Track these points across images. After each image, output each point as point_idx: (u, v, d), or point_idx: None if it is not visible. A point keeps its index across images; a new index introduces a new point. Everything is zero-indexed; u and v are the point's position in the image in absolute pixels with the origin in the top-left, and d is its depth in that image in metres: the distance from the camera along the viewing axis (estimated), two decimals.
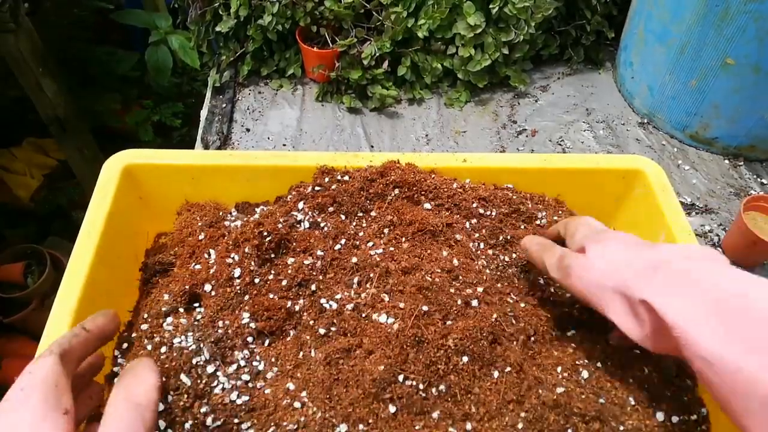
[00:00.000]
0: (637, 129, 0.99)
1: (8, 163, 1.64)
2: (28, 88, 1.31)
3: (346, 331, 0.49)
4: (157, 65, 1.32)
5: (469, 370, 0.47)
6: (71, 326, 0.47)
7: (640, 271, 0.41)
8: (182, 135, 1.93)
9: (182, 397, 0.45)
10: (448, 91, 1.04)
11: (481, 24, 0.91)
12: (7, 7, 1.13)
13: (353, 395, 0.45)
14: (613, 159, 0.63)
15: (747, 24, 0.78)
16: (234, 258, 0.54)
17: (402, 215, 0.57)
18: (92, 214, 0.54)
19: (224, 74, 1.03)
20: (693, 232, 0.55)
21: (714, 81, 0.87)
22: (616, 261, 0.43)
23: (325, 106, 1.01)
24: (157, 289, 0.56)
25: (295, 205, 0.59)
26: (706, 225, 0.84)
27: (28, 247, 1.52)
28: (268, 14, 0.95)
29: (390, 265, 0.53)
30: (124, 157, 0.60)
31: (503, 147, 0.96)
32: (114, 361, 0.51)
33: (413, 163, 0.60)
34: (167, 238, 0.62)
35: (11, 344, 1.43)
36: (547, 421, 0.44)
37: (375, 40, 0.96)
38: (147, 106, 1.80)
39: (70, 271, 0.50)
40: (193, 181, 0.61)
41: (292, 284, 0.53)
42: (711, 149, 0.95)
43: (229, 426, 0.45)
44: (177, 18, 1.07)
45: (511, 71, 1.02)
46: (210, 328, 0.49)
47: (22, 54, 1.23)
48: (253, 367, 0.48)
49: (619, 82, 1.07)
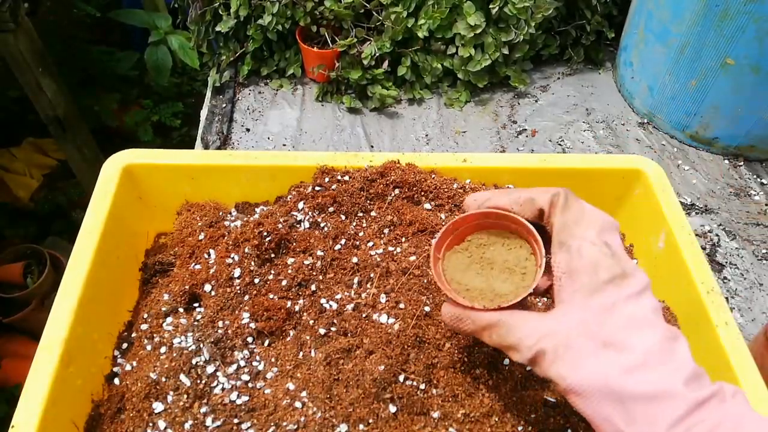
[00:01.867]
0: (637, 129, 0.99)
1: (8, 163, 1.64)
2: (28, 88, 1.31)
3: (346, 331, 0.49)
4: (156, 65, 1.32)
5: (469, 371, 0.47)
6: (71, 326, 0.47)
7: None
8: (182, 135, 1.93)
9: (182, 397, 0.45)
10: (448, 91, 1.04)
11: (481, 24, 0.91)
12: (7, 7, 1.13)
13: (353, 395, 0.45)
14: (613, 159, 0.63)
15: (747, 24, 0.78)
16: (234, 258, 0.54)
17: (402, 215, 0.57)
18: (92, 214, 0.54)
19: (224, 74, 1.03)
20: (693, 232, 0.55)
21: (714, 81, 0.87)
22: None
23: (325, 106, 1.01)
24: (157, 289, 0.56)
25: (295, 205, 0.59)
26: (706, 225, 0.84)
27: (28, 247, 1.52)
28: (268, 14, 0.95)
29: (390, 265, 0.53)
30: (124, 157, 0.60)
31: (503, 147, 0.96)
32: (114, 361, 0.51)
33: (413, 163, 0.60)
34: (167, 238, 0.62)
35: (11, 344, 1.43)
36: (547, 420, 0.44)
37: (375, 40, 0.96)
38: (147, 106, 1.80)
39: (70, 271, 0.50)
40: (193, 181, 0.61)
41: (292, 284, 0.53)
42: (711, 149, 0.95)
43: (229, 426, 0.45)
44: (177, 18, 1.07)
45: (511, 71, 1.02)
46: (210, 328, 0.49)
47: (21, 54, 1.23)
48: (253, 367, 0.48)
49: (619, 82, 1.07)
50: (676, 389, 0.31)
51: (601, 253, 0.34)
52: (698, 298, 0.51)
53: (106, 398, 0.48)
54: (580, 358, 0.32)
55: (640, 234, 0.61)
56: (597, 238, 0.35)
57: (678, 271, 0.54)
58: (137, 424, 0.45)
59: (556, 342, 0.33)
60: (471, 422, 0.44)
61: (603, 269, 0.34)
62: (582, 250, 0.35)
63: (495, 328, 0.36)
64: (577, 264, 0.35)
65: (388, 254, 0.54)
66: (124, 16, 1.42)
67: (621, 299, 0.33)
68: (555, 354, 0.33)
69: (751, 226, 0.84)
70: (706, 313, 0.50)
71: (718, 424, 0.30)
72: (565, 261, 0.35)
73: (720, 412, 0.30)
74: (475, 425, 0.44)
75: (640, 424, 0.30)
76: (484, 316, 0.37)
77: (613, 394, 0.31)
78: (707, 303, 0.50)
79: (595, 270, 0.34)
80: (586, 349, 0.32)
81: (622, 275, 0.34)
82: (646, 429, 0.30)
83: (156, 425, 0.45)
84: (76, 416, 0.46)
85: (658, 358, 0.32)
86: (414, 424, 0.44)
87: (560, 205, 0.37)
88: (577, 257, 0.35)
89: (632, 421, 0.31)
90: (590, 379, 0.32)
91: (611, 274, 0.34)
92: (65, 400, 0.45)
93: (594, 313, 0.33)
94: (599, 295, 0.34)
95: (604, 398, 0.31)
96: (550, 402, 0.46)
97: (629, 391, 0.31)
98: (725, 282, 0.77)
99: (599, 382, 0.32)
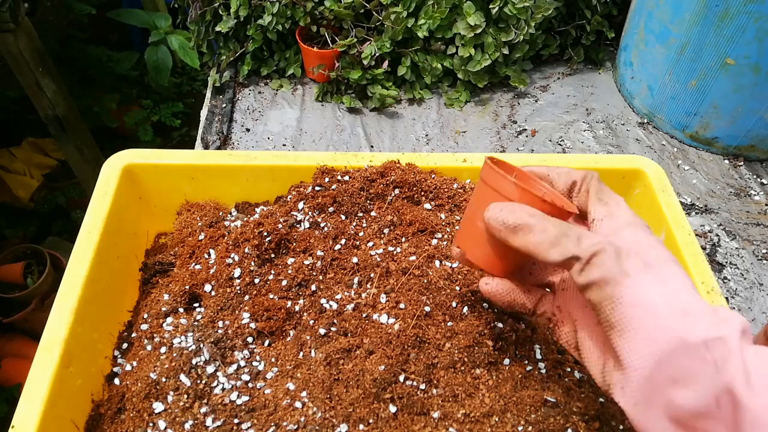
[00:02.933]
0: (637, 129, 0.99)
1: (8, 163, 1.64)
2: (28, 88, 1.31)
3: (346, 331, 0.49)
4: (156, 65, 1.32)
5: (470, 371, 0.47)
6: (71, 326, 0.47)
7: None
8: (182, 135, 1.93)
9: (182, 397, 0.45)
10: (448, 91, 1.04)
11: (481, 24, 0.91)
12: (7, 7, 1.13)
13: (354, 395, 0.45)
14: (613, 159, 0.63)
15: (747, 24, 0.78)
16: (234, 258, 0.54)
17: (402, 215, 0.57)
18: (92, 214, 0.54)
19: (224, 74, 1.03)
20: (693, 232, 0.55)
21: (714, 81, 0.87)
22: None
23: (325, 106, 1.01)
24: (157, 289, 0.56)
25: (295, 205, 0.59)
26: (706, 225, 0.84)
27: (28, 247, 1.52)
28: (268, 14, 0.95)
29: (390, 265, 0.53)
30: (124, 157, 0.60)
31: (503, 147, 0.96)
32: (114, 361, 0.51)
33: (413, 163, 0.60)
34: (167, 238, 0.62)
35: (11, 344, 1.43)
36: (547, 420, 0.44)
37: (375, 40, 0.96)
38: (146, 106, 1.80)
39: (70, 271, 0.50)
40: (193, 181, 0.61)
41: (292, 284, 0.52)
42: (711, 149, 0.95)
43: (229, 426, 0.45)
44: (177, 18, 1.07)
45: (511, 71, 1.02)
46: (210, 328, 0.49)
47: (21, 54, 1.23)
48: (253, 367, 0.48)
49: (619, 82, 1.07)
50: (719, 313, 0.30)
51: (636, 217, 0.35)
52: None
53: (106, 398, 0.48)
54: (634, 268, 0.32)
55: None
56: (629, 214, 0.36)
57: None
58: (137, 424, 0.45)
59: (615, 247, 0.33)
60: (471, 422, 0.44)
61: (639, 225, 0.35)
62: (621, 205, 0.36)
63: (556, 225, 0.34)
64: (616, 211, 0.35)
65: (388, 254, 0.54)
66: (124, 16, 1.41)
67: (656, 243, 0.34)
68: (615, 253, 0.32)
69: (751, 226, 0.84)
70: None
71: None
72: (604, 209, 0.36)
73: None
74: (476, 425, 0.44)
75: (707, 329, 0.30)
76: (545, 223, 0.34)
77: (672, 306, 0.31)
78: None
79: (633, 221, 0.35)
80: (637, 263, 0.32)
81: (658, 240, 0.35)
82: (718, 344, 0.29)
83: (156, 425, 0.45)
84: (76, 416, 0.46)
85: (693, 290, 0.32)
86: (414, 424, 0.44)
87: (595, 179, 0.38)
88: (616, 209, 0.36)
89: (693, 327, 0.30)
90: (645, 289, 0.31)
91: (647, 231, 0.35)
92: (65, 400, 0.45)
93: (635, 240, 0.34)
94: (639, 230, 0.34)
95: (664, 310, 0.31)
96: (550, 402, 0.45)
97: (687, 305, 0.31)
98: (725, 282, 0.77)
99: (655, 293, 0.31)
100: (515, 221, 0.35)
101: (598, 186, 0.37)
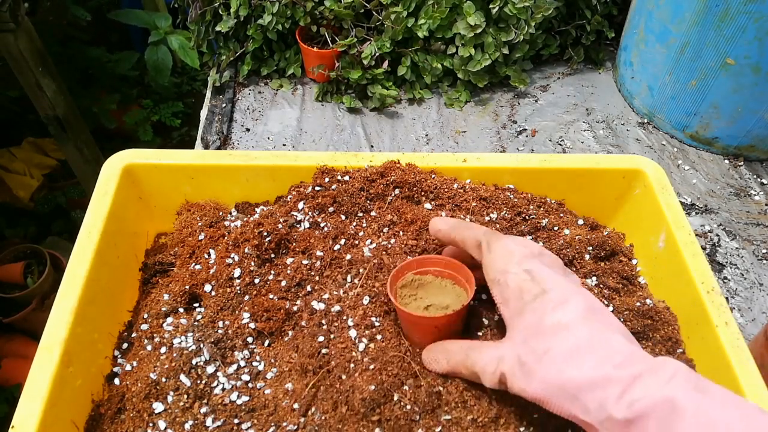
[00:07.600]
0: (637, 129, 0.99)
1: (8, 163, 1.64)
2: (28, 88, 1.31)
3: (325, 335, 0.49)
4: (156, 65, 1.32)
5: None
6: (71, 326, 0.47)
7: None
8: (182, 135, 1.93)
9: (182, 397, 0.45)
10: (448, 91, 1.04)
11: (481, 24, 0.91)
12: (7, 7, 1.13)
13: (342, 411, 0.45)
14: (613, 159, 0.63)
15: (747, 24, 0.78)
16: (234, 258, 0.54)
17: (402, 215, 0.57)
18: (92, 214, 0.54)
19: (224, 74, 1.03)
20: (693, 232, 0.55)
21: (714, 81, 0.87)
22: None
23: (325, 106, 1.01)
24: (157, 289, 0.56)
25: (295, 205, 0.59)
26: (706, 225, 0.84)
27: (28, 247, 1.52)
28: (268, 14, 0.95)
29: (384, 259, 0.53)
30: (124, 156, 0.60)
31: (503, 147, 0.96)
32: (114, 361, 0.51)
33: (413, 163, 0.60)
34: (167, 238, 0.62)
35: (11, 344, 1.43)
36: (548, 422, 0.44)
37: (375, 40, 0.96)
38: (146, 105, 1.80)
39: (70, 271, 0.50)
40: (193, 181, 0.61)
41: (291, 285, 0.53)
42: (711, 149, 0.95)
43: (229, 426, 0.45)
44: (177, 18, 1.07)
45: (511, 71, 1.02)
46: (210, 328, 0.49)
47: (21, 54, 1.23)
48: (253, 367, 0.48)
49: (619, 82, 1.07)
50: (608, 373, 0.35)
51: (522, 280, 0.41)
52: (698, 298, 0.51)
53: (106, 398, 0.48)
54: (530, 371, 0.37)
55: (640, 234, 0.61)
56: (518, 268, 0.41)
57: (678, 271, 0.54)
58: (137, 425, 0.45)
59: (511, 363, 0.39)
60: (478, 427, 0.44)
61: (526, 292, 0.40)
62: (508, 281, 0.41)
63: (466, 361, 0.42)
64: (507, 293, 0.41)
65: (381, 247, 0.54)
66: (124, 16, 1.42)
67: (547, 311, 0.39)
68: (512, 373, 0.38)
69: (751, 226, 0.84)
70: (706, 313, 0.50)
71: (653, 406, 0.32)
72: (499, 293, 0.42)
73: (654, 389, 0.33)
74: (480, 429, 0.44)
75: (593, 411, 0.34)
76: (457, 355, 0.43)
77: (564, 392, 0.36)
78: (707, 303, 0.50)
79: (520, 294, 0.40)
80: (532, 362, 0.37)
81: (542, 292, 0.40)
82: (599, 414, 0.34)
83: (156, 425, 0.45)
84: (76, 416, 0.46)
85: (587, 349, 0.36)
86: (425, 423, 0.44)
87: (485, 249, 0.44)
88: (506, 288, 0.41)
89: (587, 410, 0.35)
90: (543, 385, 0.37)
91: (533, 294, 0.40)
92: (65, 400, 0.45)
93: (529, 329, 0.39)
94: (529, 313, 0.39)
95: (561, 397, 0.36)
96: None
97: (574, 385, 0.35)
98: (725, 282, 0.77)
99: (551, 386, 0.36)
100: (441, 370, 0.45)
101: (487, 259, 0.44)
